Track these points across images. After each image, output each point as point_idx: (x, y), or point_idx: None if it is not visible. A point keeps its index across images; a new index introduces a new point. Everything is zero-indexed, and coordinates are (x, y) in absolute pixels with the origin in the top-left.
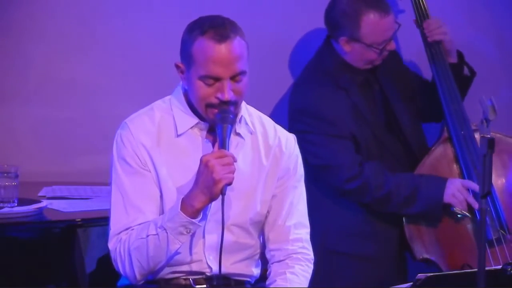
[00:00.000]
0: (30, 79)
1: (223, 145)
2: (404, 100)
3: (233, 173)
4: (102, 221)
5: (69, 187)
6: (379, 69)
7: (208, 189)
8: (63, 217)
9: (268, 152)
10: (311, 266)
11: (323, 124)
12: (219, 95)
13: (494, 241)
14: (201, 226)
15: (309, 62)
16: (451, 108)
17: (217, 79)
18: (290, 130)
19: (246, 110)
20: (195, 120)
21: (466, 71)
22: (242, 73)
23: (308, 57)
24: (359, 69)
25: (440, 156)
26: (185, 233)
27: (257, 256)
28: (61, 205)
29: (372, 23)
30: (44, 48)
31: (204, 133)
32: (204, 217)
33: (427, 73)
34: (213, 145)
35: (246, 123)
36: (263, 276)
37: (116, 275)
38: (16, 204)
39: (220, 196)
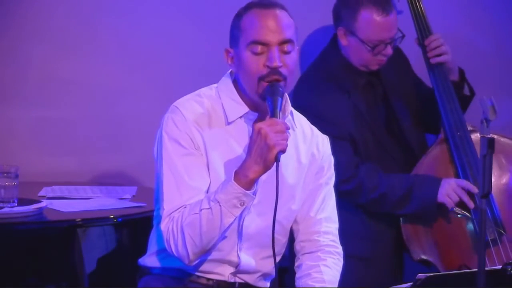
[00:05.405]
0: (30, 79)
1: (273, 114)
2: (407, 104)
3: (287, 140)
4: (102, 221)
5: (69, 187)
6: (384, 71)
7: (261, 157)
8: (63, 217)
9: (306, 151)
10: (342, 260)
11: (323, 124)
12: (268, 63)
13: (490, 242)
14: (255, 198)
15: (314, 61)
16: (447, 109)
17: (265, 44)
18: None
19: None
20: (245, 109)
21: (466, 90)
22: (290, 42)
23: (313, 55)
24: (362, 71)
25: (437, 157)
26: (238, 205)
27: (281, 256)
28: (61, 205)
29: (368, 18)
30: (44, 48)
31: (253, 123)
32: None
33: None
34: None
35: (292, 119)
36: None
37: (116, 275)
38: (16, 204)
39: (274, 168)
